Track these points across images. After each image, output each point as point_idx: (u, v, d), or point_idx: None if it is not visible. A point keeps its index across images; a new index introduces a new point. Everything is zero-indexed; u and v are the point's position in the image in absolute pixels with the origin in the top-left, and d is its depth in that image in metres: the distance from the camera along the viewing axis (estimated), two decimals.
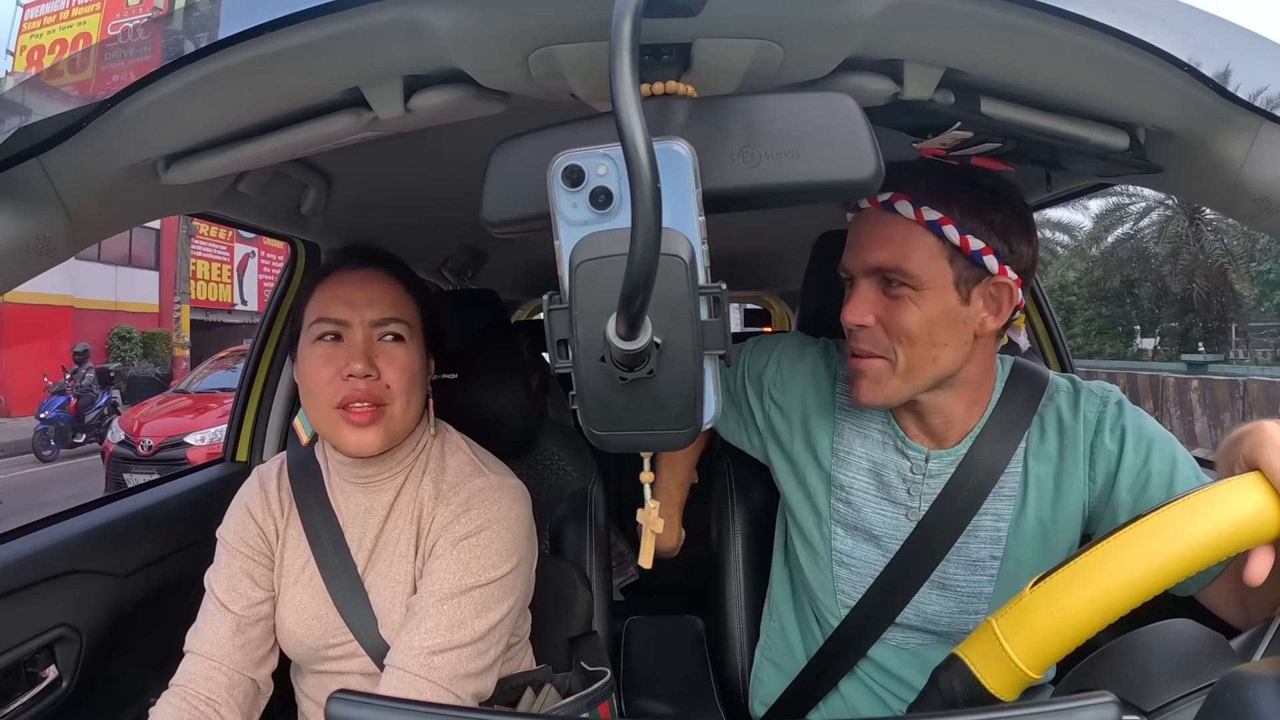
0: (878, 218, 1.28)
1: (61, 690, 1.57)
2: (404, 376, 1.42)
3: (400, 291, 1.47)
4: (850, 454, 1.46)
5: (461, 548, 1.36)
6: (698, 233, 0.67)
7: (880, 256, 1.27)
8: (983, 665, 0.78)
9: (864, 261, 1.29)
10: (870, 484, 1.44)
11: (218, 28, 0.86)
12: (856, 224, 1.34)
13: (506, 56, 0.86)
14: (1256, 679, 0.61)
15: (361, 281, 1.44)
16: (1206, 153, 0.99)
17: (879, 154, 0.73)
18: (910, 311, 1.26)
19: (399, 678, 1.28)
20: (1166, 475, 1.28)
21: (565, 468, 2.07)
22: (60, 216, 1.00)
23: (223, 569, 1.47)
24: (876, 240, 1.28)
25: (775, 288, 5.41)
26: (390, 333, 1.43)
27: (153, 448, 10.28)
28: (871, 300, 1.29)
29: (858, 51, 0.88)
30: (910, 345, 1.27)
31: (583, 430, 0.71)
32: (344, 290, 1.43)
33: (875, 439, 1.45)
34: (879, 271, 1.28)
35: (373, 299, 1.43)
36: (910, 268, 1.25)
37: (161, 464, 9.76)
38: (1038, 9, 0.82)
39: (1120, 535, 0.76)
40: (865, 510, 1.43)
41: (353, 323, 1.41)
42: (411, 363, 1.44)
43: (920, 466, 1.40)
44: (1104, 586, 0.74)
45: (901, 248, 1.25)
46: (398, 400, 1.41)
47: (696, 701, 1.64)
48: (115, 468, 10.36)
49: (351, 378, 1.37)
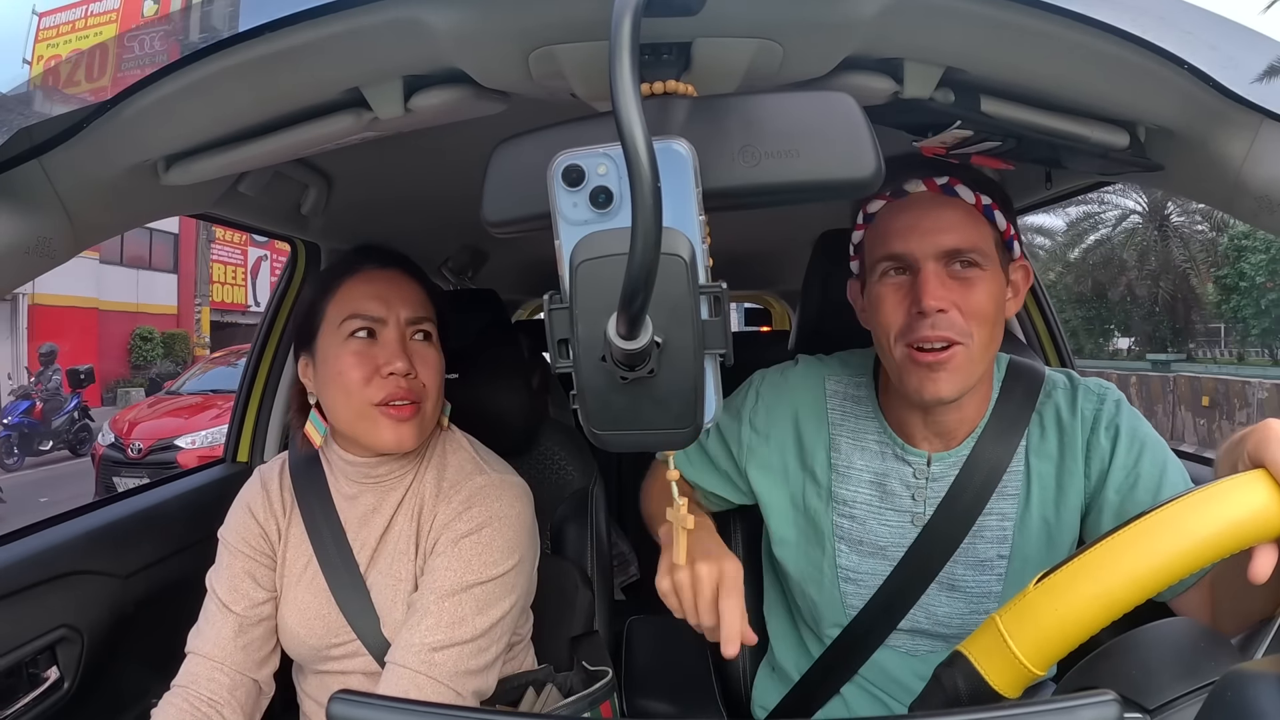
0: (938, 201, 1.28)
1: (63, 691, 1.57)
2: (436, 375, 1.45)
3: (423, 291, 1.49)
4: (850, 468, 1.43)
5: (463, 545, 1.37)
6: (698, 232, 0.67)
7: (954, 239, 1.25)
8: (987, 662, 0.78)
9: (936, 244, 1.26)
10: (873, 495, 1.41)
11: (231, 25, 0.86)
12: (906, 210, 1.29)
13: (506, 56, 0.86)
14: (1258, 677, 0.61)
15: (392, 280, 1.45)
16: (1207, 151, 0.99)
17: (879, 153, 0.73)
18: (983, 291, 1.26)
19: (400, 674, 1.28)
20: (1155, 479, 1.28)
21: (566, 467, 2.07)
22: (60, 217, 1.00)
23: (224, 569, 1.47)
24: (946, 223, 1.26)
25: (776, 287, 5.42)
26: (422, 330, 1.45)
27: (143, 450, 10.22)
28: (948, 283, 1.26)
29: (857, 50, 0.88)
30: (982, 326, 1.26)
31: (583, 430, 0.71)
32: (377, 287, 1.43)
33: (873, 449, 1.43)
34: (956, 254, 1.26)
35: (405, 298, 1.44)
36: (984, 248, 1.27)
37: (152, 467, 9.70)
38: (1037, 7, 0.82)
39: (1124, 532, 0.76)
40: (870, 522, 1.41)
41: (388, 320, 1.42)
42: (440, 361, 1.46)
43: (923, 471, 1.38)
44: (1108, 583, 0.74)
45: (971, 230, 1.26)
46: (430, 398, 1.43)
47: (698, 701, 1.64)
48: (105, 471, 10.28)
49: (393, 375, 1.38)
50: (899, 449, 1.40)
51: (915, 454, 1.39)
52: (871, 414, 1.44)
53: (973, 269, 1.26)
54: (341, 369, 1.39)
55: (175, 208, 1.26)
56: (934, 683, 0.83)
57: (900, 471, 1.40)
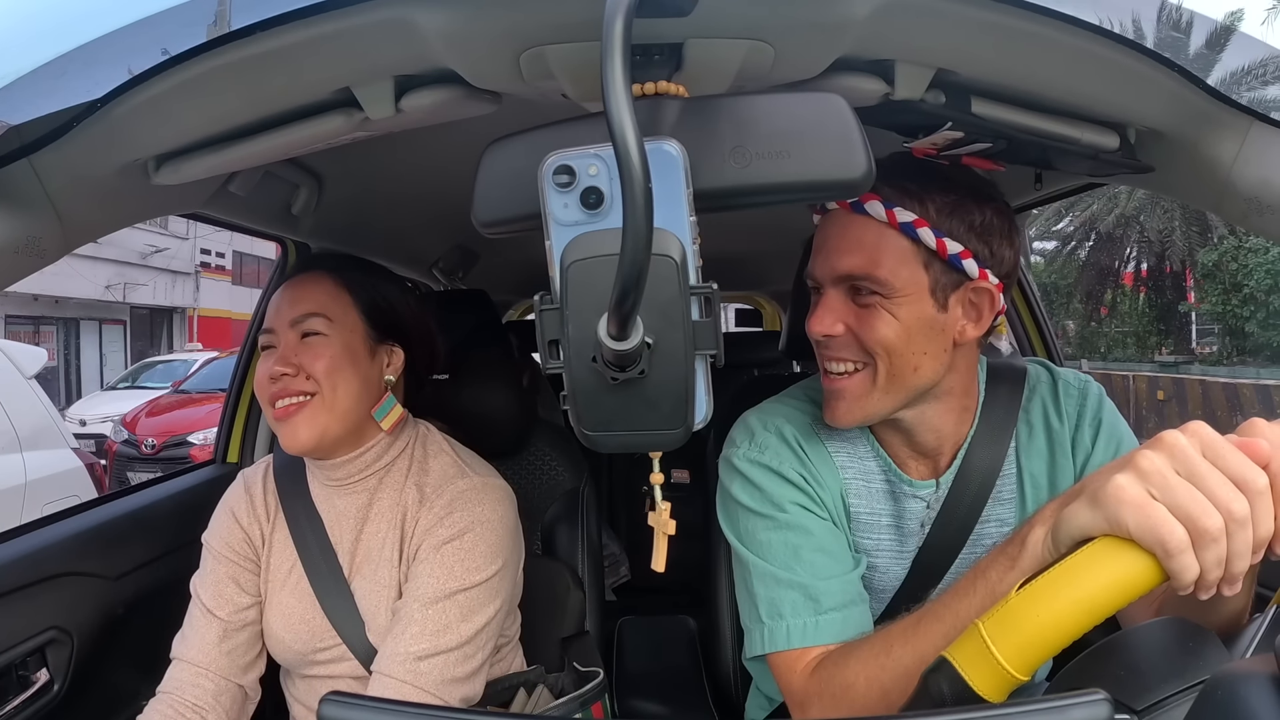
0: (847, 220, 1.20)
1: (53, 694, 1.57)
2: (326, 365, 1.41)
3: (329, 286, 1.47)
4: (871, 515, 1.34)
5: (446, 551, 1.36)
6: (689, 233, 0.67)
7: (849, 263, 1.18)
8: (970, 666, 0.78)
9: (831, 268, 1.20)
10: (893, 541, 1.34)
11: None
12: (824, 227, 1.24)
13: (497, 57, 0.86)
14: (1247, 677, 0.61)
15: (290, 287, 1.46)
16: (1197, 153, 0.99)
17: (870, 154, 0.74)
18: (884, 321, 1.17)
19: (386, 684, 1.28)
20: None
21: (556, 468, 2.07)
22: (50, 217, 1.00)
23: (208, 575, 1.47)
24: (846, 245, 1.19)
25: (766, 288, 5.43)
26: (307, 330, 1.42)
27: (156, 447, 10.23)
28: (840, 309, 1.20)
29: (849, 52, 0.88)
30: (888, 355, 1.18)
31: (574, 430, 0.71)
32: (277, 298, 1.45)
33: (883, 489, 1.34)
34: (848, 279, 1.19)
35: (295, 299, 1.44)
36: (881, 274, 1.16)
37: (165, 463, 9.56)
38: (1028, 9, 0.82)
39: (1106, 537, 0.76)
40: (893, 569, 1.34)
41: (277, 328, 1.43)
42: (333, 351, 1.42)
43: (936, 499, 1.32)
44: (1089, 588, 0.74)
45: (872, 253, 1.17)
46: (323, 388, 1.40)
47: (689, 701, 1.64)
48: (119, 467, 10.24)
49: (273, 379, 1.39)
50: (907, 485, 1.33)
51: (924, 486, 1.32)
52: (872, 454, 1.35)
53: (872, 296, 1.18)
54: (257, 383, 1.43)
55: (166, 207, 1.25)
56: (919, 687, 0.83)
57: (914, 509, 1.33)
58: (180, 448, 10.12)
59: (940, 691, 0.80)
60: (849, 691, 1.09)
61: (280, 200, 1.78)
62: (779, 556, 1.25)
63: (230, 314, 30.10)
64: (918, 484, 1.33)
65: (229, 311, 30.17)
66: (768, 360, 3.99)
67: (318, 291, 1.45)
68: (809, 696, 1.16)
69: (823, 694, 1.13)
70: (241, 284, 31.48)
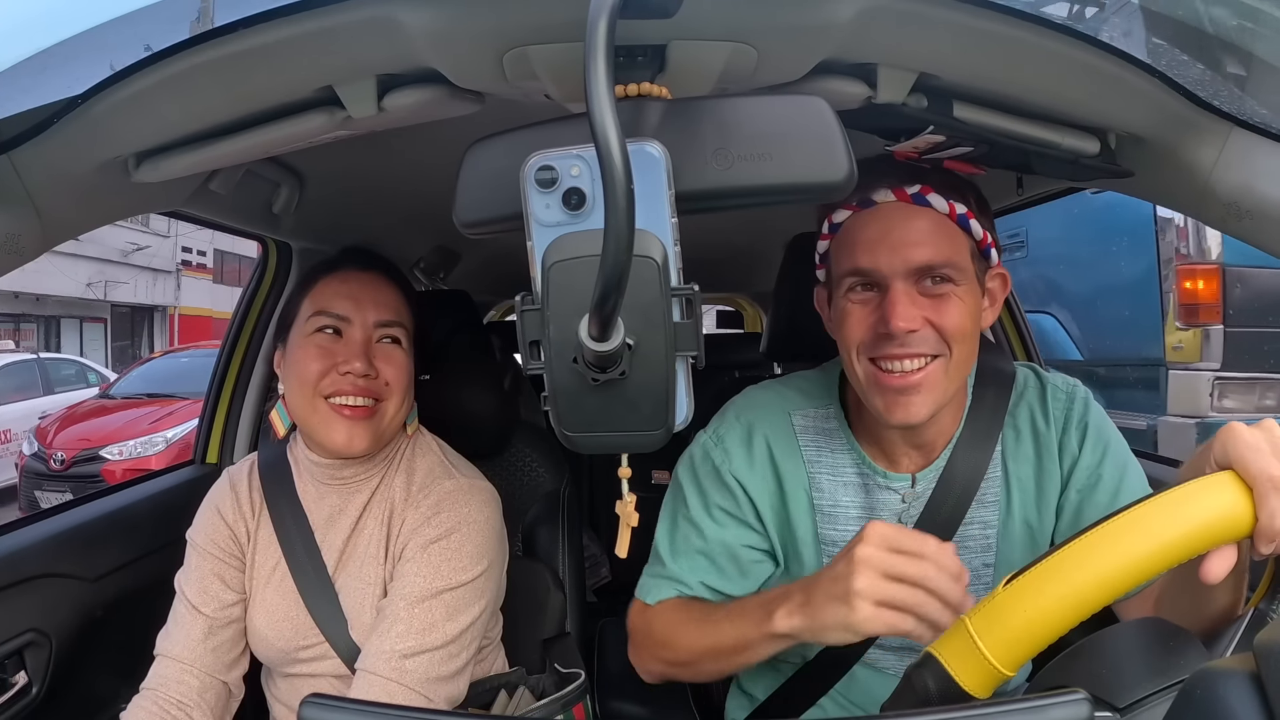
0: (909, 212, 1.20)
1: (32, 696, 1.56)
2: (401, 376, 1.44)
3: (400, 296, 1.50)
4: (835, 507, 1.34)
5: (432, 550, 1.36)
6: (670, 234, 0.67)
7: (926, 253, 1.18)
8: (957, 662, 0.78)
9: (907, 260, 1.18)
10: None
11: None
12: (874, 220, 1.22)
13: (480, 56, 0.86)
14: (1227, 675, 0.62)
15: (368, 282, 1.46)
16: (1177, 158, 1.00)
17: (852, 157, 0.74)
18: (958, 308, 1.19)
19: (371, 682, 1.27)
20: (1115, 482, 1.27)
21: (537, 469, 2.06)
22: (29, 214, 0.99)
23: (193, 571, 1.46)
24: (917, 236, 1.18)
25: (748, 290, 5.43)
26: (390, 335, 1.45)
27: (65, 462, 9.09)
28: (917, 301, 1.19)
29: (832, 55, 0.88)
30: (959, 343, 1.19)
31: (555, 431, 0.71)
32: (350, 287, 1.44)
33: (855, 481, 1.35)
34: (928, 270, 1.19)
35: (378, 301, 1.45)
36: (962, 262, 1.20)
37: (75, 481, 8.79)
38: (1011, 15, 0.82)
39: (1092, 533, 0.76)
40: None
41: (355, 320, 1.42)
42: (408, 366, 1.46)
43: (910, 494, 1.32)
44: (1076, 584, 0.74)
45: (945, 242, 1.19)
46: (393, 399, 1.43)
47: (671, 704, 1.64)
48: (28, 484, 9.29)
49: (349, 374, 1.38)
50: (881, 478, 1.33)
51: (899, 479, 1.32)
52: (846, 447, 1.36)
53: (946, 284, 1.19)
54: (299, 360, 1.41)
55: (146, 205, 1.25)
56: (905, 683, 0.83)
57: (887, 501, 1.33)
58: (91, 463, 9.01)
59: (926, 687, 0.80)
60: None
61: (261, 199, 1.77)
62: (678, 541, 1.40)
63: (211, 312, 29.98)
64: (891, 476, 1.33)
65: (210, 310, 30.07)
66: (749, 362, 3.98)
67: (395, 301, 1.48)
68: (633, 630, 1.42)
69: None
70: (223, 282, 31.54)
